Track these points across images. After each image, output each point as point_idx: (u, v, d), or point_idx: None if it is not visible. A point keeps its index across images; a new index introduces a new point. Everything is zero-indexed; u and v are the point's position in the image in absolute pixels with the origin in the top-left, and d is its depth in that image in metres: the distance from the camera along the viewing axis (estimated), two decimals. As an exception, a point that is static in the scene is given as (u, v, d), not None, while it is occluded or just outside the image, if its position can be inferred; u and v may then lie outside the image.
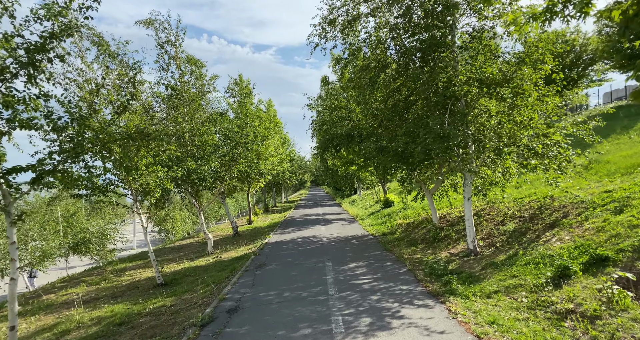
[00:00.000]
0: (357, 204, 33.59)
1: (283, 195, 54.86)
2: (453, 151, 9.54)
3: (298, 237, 16.31)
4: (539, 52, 9.17)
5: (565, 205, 10.57)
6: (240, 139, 15.44)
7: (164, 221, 39.73)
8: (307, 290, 8.09)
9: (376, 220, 20.48)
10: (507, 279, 7.63)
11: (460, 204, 16.83)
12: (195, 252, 16.41)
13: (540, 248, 8.58)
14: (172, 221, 39.86)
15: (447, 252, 11.35)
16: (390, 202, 24.07)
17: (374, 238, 15.18)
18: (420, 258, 11.04)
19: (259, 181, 23.98)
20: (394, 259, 11.14)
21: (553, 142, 9.69)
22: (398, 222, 17.56)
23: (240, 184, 19.50)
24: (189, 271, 12.06)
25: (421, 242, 13.21)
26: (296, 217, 26.86)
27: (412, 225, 16.21)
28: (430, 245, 12.59)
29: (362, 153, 12.68)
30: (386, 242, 14.00)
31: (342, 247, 13.31)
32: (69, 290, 11.00)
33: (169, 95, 15.38)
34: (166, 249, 18.40)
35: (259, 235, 18.84)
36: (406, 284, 8.27)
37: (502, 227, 11.52)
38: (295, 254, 12.48)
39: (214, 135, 15.43)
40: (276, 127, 26.41)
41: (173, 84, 15.14)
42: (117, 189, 10.37)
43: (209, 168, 14.43)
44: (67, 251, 28.47)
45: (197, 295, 8.73)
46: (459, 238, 12.13)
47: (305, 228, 19.68)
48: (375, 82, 11.15)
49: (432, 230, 13.43)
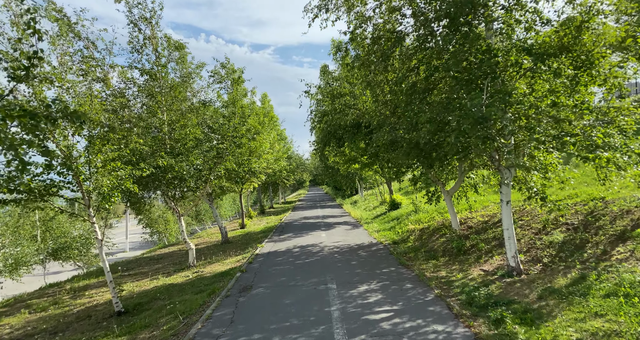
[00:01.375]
0: (359, 205, 31.33)
1: (281, 196, 52.55)
2: (494, 141, 7.30)
3: (295, 246, 14.06)
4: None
5: (630, 211, 8.36)
6: (227, 132, 13.18)
7: (155, 223, 37.44)
8: (304, 333, 5.84)
9: (383, 224, 18.24)
10: (587, 318, 5.39)
11: (482, 207, 14.61)
12: (176, 263, 14.15)
13: (621, 270, 6.36)
14: (164, 223, 37.68)
15: (478, 269, 9.13)
16: (397, 204, 21.83)
17: (384, 248, 12.94)
18: (446, 277, 8.81)
19: (252, 181, 21.71)
20: (414, 278, 8.90)
21: (618, 130, 7.46)
22: (410, 227, 15.33)
23: (231, 184, 17.26)
24: (160, 292, 9.80)
25: (443, 254, 10.98)
26: (294, 220, 24.60)
27: (427, 231, 13.99)
28: (455, 258, 10.37)
29: (373, 146, 10.42)
30: (400, 253, 11.77)
31: (347, 261, 11.06)
32: (3, 321, 8.71)
33: (145, 81, 13.14)
34: (144, 259, 16.13)
35: (251, 242, 16.59)
36: (440, 321, 6.03)
37: (545, 237, 9.31)
38: (290, 271, 10.22)
39: (198, 128, 13.17)
40: (271, 122, 24.12)
41: (148, 69, 12.88)
42: (61, 191, 8.11)
43: (190, 166, 12.18)
44: (45, 258, 26.28)
45: (157, 335, 6.47)
46: (491, 250, 9.91)
47: (303, 234, 17.43)
48: (389, 58, 8.92)
49: (454, 240, 11.21)
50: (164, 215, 37.20)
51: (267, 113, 24.80)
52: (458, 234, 12.08)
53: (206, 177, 13.34)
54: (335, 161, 25.64)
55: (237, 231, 21.49)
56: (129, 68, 12.74)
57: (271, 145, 23.28)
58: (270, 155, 22.69)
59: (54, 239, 26.93)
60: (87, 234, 26.64)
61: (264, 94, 25.19)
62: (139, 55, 12.88)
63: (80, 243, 26.69)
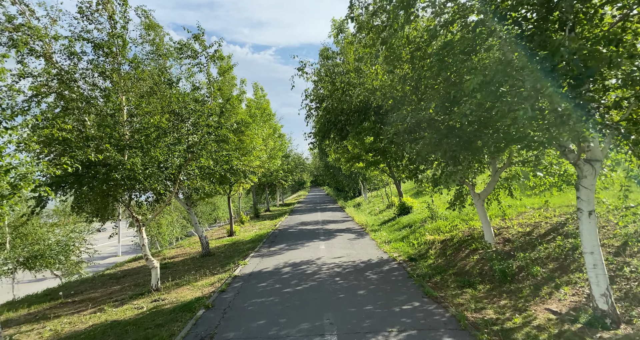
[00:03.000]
0: (363, 208, 28.51)
1: (279, 198, 49.70)
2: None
3: (286, 264, 11.26)
4: None
5: None
6: (200, 120, 10.41)
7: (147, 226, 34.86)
8: None
9: (393, 233, 15.43)
10: None
11: (516, 213, 11.83)
12: (138, 283, 11.39)
13: None
14: (157, 226, 35.16)
15: (543, 309, 6.31)
16: (407, 208, 19.00)
17: (398, 266, 10.15)
18: (499, 322, 6.00)
19: (241, 182, 18.96)
20: (450, 322, 6.10)
21: None
22: (427, 238, 12.53)
23: (212, 185, 14.52)
24: (94, 335, 7.04)
25: (481, 279, 8.17)
26: (290, 226, 21.79)
27: (450, 244, 11.21)
28: (500, 286, 7.57)
29: (386, 136, 7.63)
30: (421, 276, 8.98)
31: (352, 288, 8.25)
32: None
33: (96, 57, 10.41)
34: (104, 277, 13.36)
35: (235, 255, 13.82)
36: None
37: (636, 261, 6.54)
38: (273, 307, 7.42)
39: (164, 115, 10.44)
40: (264, 114, 21.34)
41: (99, 41, 10.13)
42: None
43: (154, 163, 9.43)
44: (14, 267, 23.68)
45: None
46: (552, 277, 7.11)
47: (298, 245, 14.64)
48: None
49: (493, 258, 8.45)
50: (156, 219, 34.80)
51: (260, 105, 22.06)
52: (495, 249, 9.32)
53: (174, 177, 10.56)
54: (337, 158, 22.87)
55: (223, 240, 18.70)
56: (77, 39, 10.00)
57: (264, 141, 20.53)
58: (263, 152, 19.95)
59: (25, 246, 24.26)
60: (67, 240, 24.19)
61: (256, 84, 22.36)
62: (89, 23, 10.16)
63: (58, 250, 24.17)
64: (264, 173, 29.71)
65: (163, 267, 13.39)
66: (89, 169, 8.25)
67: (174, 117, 10.43)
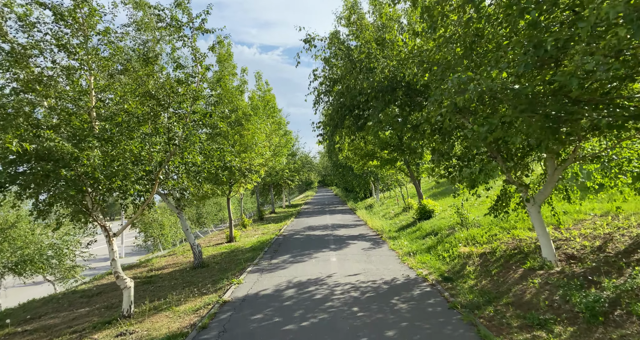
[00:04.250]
0: (375, 210, 26.27)
1: (285, 198, 47.58)
2: None
3: (289, 284, 9.13)
4: None
5: None
6: (183, 104, 8.36)
7: (150, 227, 33.34)
8: None
9: (415, 241, 13.22)
10: None
11: (574, 222, 9.61)
12: (110, 306, 9.39)
13: None
14: (159, 227, 33.52)
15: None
16: (428, 212, 16.78)
17: (432, 290, 7.95)
18: None
19: (241, 182, 16.92)
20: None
21: None
22: (461, 250, 10.33)
23: (204, 185, 12.49)
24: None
25: (555, 315, 5.94)
26: (295, 231, 19.68)
27: (493, 259, 9.01)
28: (588, 329, 5.35)
29: (430, 118, 5.42)
30: (467, 306, 6.78)
31: (377, 328, 6.09)
32: None
33: (57, 28, 8.43)
34: (76, 294, 11.37)
35: (231, 267, 11.76)
36: None
37: None
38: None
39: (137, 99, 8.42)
40: (268, 107, 19.24)
41: (60, 10, 8.13)
42: None
43: (116, 156, 7.41)
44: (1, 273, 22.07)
45: None
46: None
47: (305, 256, 12.52)
48: None
49: (566, 286, 6.26)
50: (159, 219, 33.25)
51: (263, 97, 19.97)
52: (561, 270, 7.14)
53: (154, 175, 8.52)
54: (347, 157, 20.70)
55: (220, 247, 16.65)
56: (31, 4, 8.05)
57: (267, 136, 18.48)
58: (267, 148, 17.89)
59: (13, 251, 22.66)
60: (61, 243, 22.62)
61: (258, 73, 20.20)
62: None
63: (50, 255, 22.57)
64: (268, 172, 27.67)
65: (147, 282, 11.39)
66: (28, 163, 6.26)
67: (152, 102, 8.38)
